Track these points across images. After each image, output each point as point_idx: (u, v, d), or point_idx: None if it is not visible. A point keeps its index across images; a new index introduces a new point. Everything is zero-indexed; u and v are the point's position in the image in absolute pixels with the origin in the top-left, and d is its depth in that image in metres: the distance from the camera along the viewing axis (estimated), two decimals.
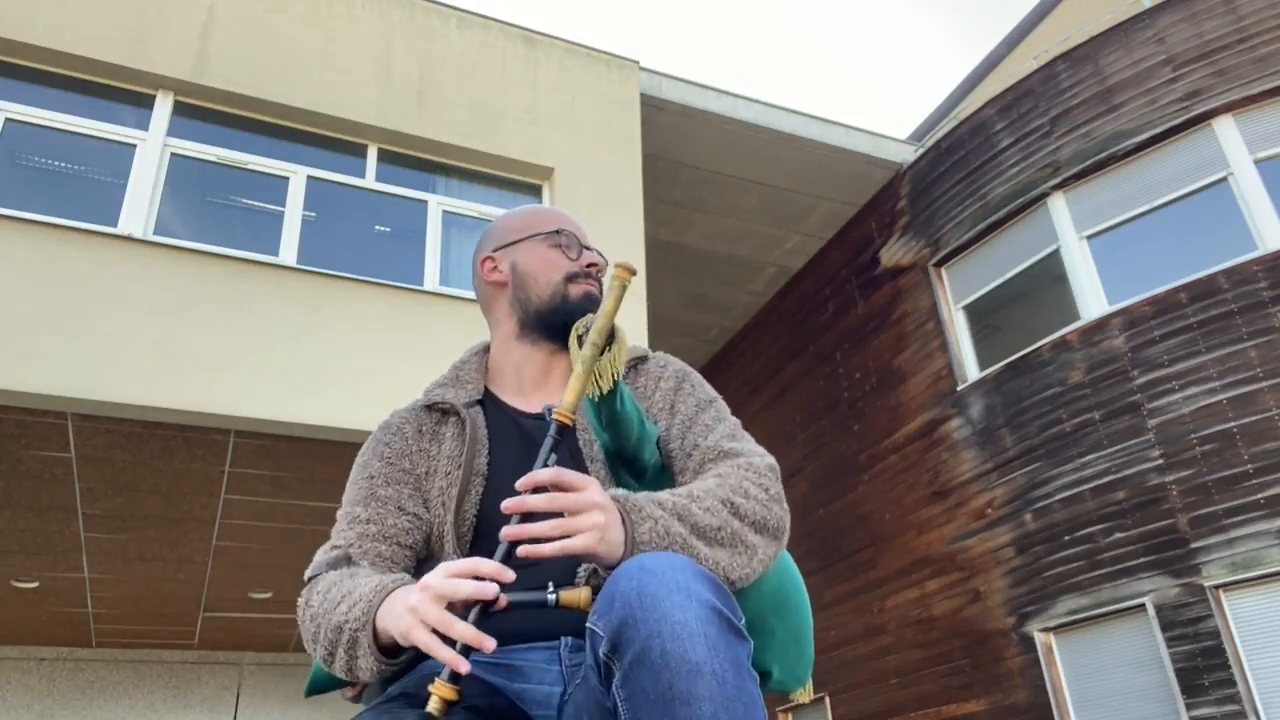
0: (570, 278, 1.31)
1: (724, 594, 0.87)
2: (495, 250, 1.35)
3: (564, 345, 1.29)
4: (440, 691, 0.88)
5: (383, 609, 0.97)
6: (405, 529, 1.18)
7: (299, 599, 1.14)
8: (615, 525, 0.96)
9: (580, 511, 0.95)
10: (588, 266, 1.32)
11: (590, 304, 1.29)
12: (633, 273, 1.11)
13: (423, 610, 0.89)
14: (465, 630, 0.88)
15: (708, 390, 1.30)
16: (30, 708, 8.87)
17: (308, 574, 1.16)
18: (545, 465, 1.00)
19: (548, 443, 1.03)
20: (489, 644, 0.88)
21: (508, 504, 0.95)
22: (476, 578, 0.91)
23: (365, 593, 1.00)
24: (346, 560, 1.14)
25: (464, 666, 0.87)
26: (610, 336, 1.12)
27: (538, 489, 0.96)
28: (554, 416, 1.04)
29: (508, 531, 0.94)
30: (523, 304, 1.31)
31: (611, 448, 1.16)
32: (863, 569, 8.31)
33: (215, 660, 9.69)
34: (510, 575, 0.91)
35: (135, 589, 7.75)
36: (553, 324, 1.29)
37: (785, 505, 1.15)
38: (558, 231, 1.34)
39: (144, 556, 7.09)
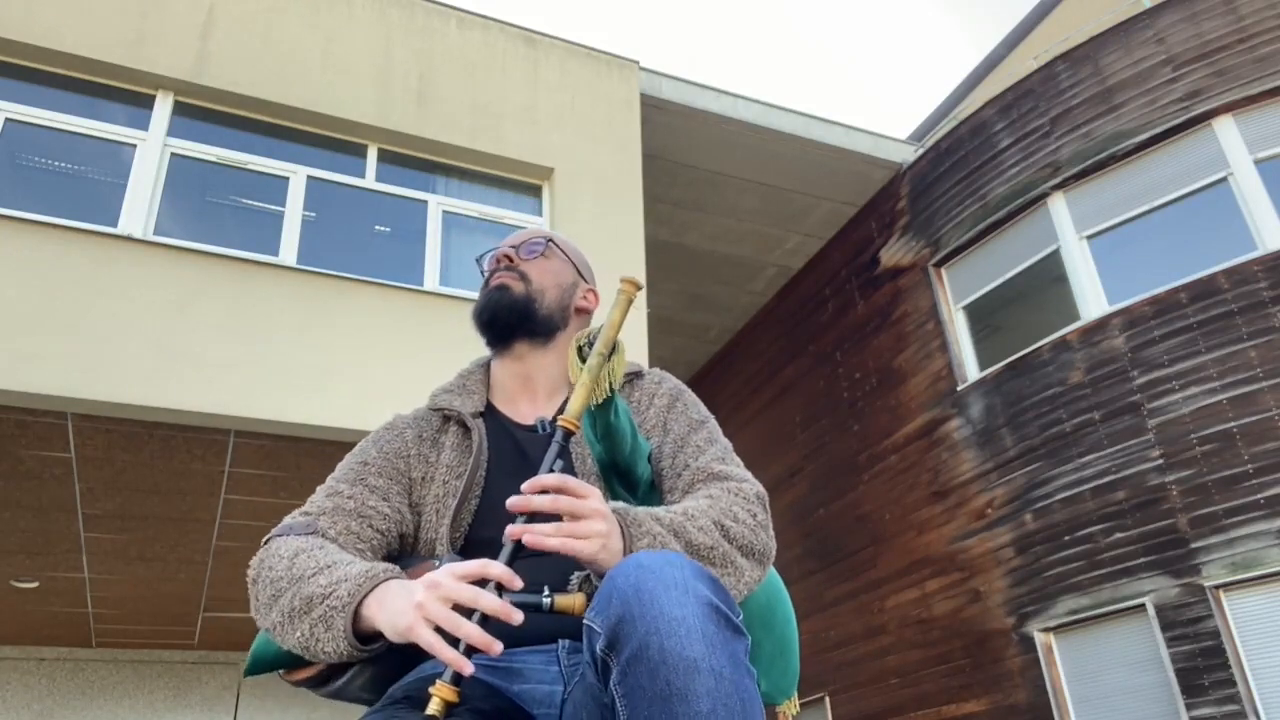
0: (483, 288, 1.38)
1: (721, 590, 0.87)
2: None
3: (504, 344, 1.34)
4: (441, 693, 0.88)
5: (372, 597, 0.96)
6: (383, 515, 1.19)
7: (253, 559, 1.12)
8: (615, 536, 0.97)
9: (583, 517, 0.95)
10: (492, 264, 1.38)
11: (492, 293, 1.33)
12: (639, 287, 1.12)
13: (429, 608, 0.88)
14: (472, 631, 0.87)
15: (701, 410, 1.31)
16: (30, 708, 8.87)
17: (269, 535, 1.15)
18: (550, 471, 1.00)
19: (553, 448, 1.03)
20: (496, 647, 0.87)
21: (513, 501, 0.95)
22: (484, 579, 0.91)
23: (353, 573, 0.99)
24: (314, 531, 1.13)
25: (468, 668, 0.87)
26: (611, 348, 1.13)
27: (543, 492, 0.96)
28: (560, 423, 1.04)
29: (513, 530, 0.94)
30: None
31: (605, 459, 1.16)
32: (863, 569, 8.31)
33: (215, 660, 9.68)
34: (519, 582, 0.91)
35: (135, 589, 7.74)
36: (483, 329, 1.35)
37: (771, 533, 1.16)
38: (480, 259, 1.43)
39: (144, 556, 7.08)
